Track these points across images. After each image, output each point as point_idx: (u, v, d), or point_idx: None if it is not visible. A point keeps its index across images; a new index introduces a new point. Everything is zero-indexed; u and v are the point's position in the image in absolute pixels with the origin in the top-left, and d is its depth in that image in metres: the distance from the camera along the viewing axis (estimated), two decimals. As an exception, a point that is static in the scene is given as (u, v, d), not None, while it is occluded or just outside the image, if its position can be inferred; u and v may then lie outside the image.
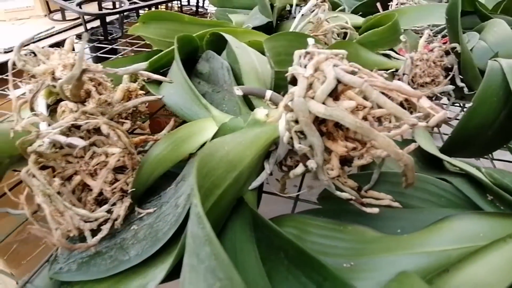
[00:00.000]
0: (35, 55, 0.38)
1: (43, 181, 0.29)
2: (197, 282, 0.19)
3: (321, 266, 0.25)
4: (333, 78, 0.23)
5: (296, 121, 0.26)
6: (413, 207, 0.32)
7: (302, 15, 0.59)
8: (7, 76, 0.72)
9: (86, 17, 0.89)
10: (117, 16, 0.94)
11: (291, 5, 0.74)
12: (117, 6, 0.99)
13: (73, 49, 0.40)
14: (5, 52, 0.85)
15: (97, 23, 0.96)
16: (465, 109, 0.58)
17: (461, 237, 0.26)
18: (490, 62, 0.39)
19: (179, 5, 1.10)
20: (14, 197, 0.31)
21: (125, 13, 0.93)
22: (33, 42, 0.90)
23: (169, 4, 1.06)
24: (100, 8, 0.92)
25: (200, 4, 1.10)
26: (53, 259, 0.31)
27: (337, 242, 0.30)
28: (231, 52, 0.40)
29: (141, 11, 0.95)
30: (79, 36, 0.95)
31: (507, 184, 0.30)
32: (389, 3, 0.75)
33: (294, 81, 0.26)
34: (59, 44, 0.91)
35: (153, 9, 0.96)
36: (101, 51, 0.80)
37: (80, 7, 0.86)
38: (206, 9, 1.14)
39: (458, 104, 0.60)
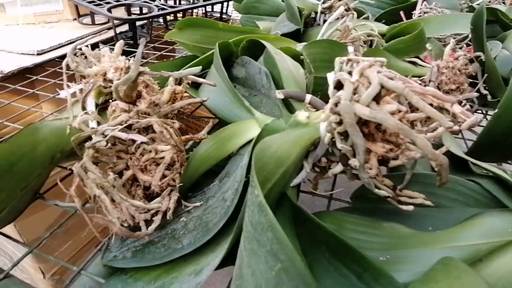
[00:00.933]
0: (86, 57, 0.41)
1: (99, 174, 0.32)
2: (257, 264, 0.21)
3: (362, 257, 0.27)
4: (377, 83, 0.26)
5: (339, 123, 0.29)
6: (443, 206, 0.34)
7: (330, 22, 0.61)
8: (42, 77, 0.76)
9: (115, 22, 0.92)
10: (145, 21, 0.97)
11: (316, 13, 0.77)
12: (144, 11, 1.02)
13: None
14: (38, 54, 0.88)
15: (125, 27, 0.99)
16: (487, 116, 0.59)
17: (490, 232, 0.28)
18: (515, 72, 0.41)
19: (204, 12, 1.13)
20: (59, 191, 0.34)
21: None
22: (65, 45, 0.94)
23: (195, 11, 1.09)
24: (129, 13, 0.95)
25: (224, 10, 1.13)
26: (105, 248, 0.33)
27: (373, 237, 0.32)
28: (269, 58, 0.42)
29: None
30: (103, 42, 0.98)
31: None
32: (412, 12, 0.77)
33: (339, 86, 0.28)
34: (93, 47, 0.94)
35: (178, 15, 1.00)
36: (131, 55, 0.83)
37: (110, 12, 0.89)
38: (230, 16, 1.16)
39: (480, 111, 0.61)
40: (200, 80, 0.38)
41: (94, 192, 0.31)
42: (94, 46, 0.94)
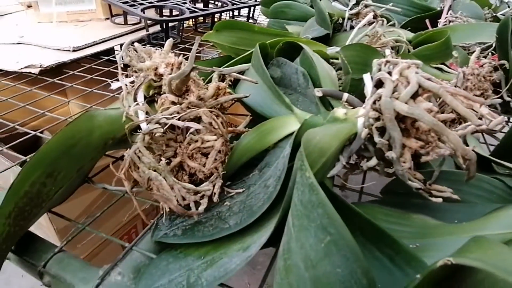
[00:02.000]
0: (137, 52, 0.44)
1: (153, 159, 0.35)
2: (307, 238, 0.24)
3: (394, 241, 0.30)
4: (415, 83, 0.28)
5: (377, 119, 0.31)
6: (469, 202, 0.37)
7: (359, 28, 0.64)
8: (79, 72, 0.79)
9: (148, 22, 0.96)
10: (175, 23, 1.01)
11: (343, 18, 0.79)
12: (174, 13, 1.06)
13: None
14: (74, 51, 0.92)
15: (156, 28, 1.03)
16: (510, 123, 0.61)
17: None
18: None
19: (231, 16, 1.17)
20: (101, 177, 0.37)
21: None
22: (99, 43, 0.98)
23: (222, 15, 1.12)
24: (161, 14, 0.99)
25: (251, 15, 1.16)
26: (154, 227, 0.36)
27: (403, 227, 0.34)
28: (306, 59, 0.45)
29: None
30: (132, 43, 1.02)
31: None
32: (437, 20, 0.79)
33: (378, 84, 0.31)
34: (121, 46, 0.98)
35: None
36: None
37: (144, 13, 0.93)
38: (256, 20, 1.19)
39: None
40: (243, 77, 0.41)
41: (149, 175, 0.34)
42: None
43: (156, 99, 0.42)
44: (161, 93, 0.41)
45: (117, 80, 0.46)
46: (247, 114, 0.47)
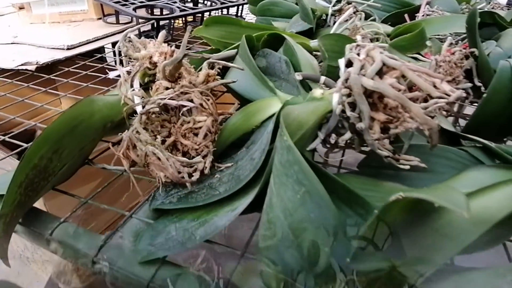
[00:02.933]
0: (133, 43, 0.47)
1: (149, 136, 0.39)
2: (285, 192, 0.28)
3: (365, 202, 0.33)
4: (380, 61, 0.32)
5: (348, 95, 0.35)
6: (436, 171, 0.41)
7: (340, 23, 0.68)
8: (73, 68, 0.83)
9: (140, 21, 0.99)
10: (166, 21, 1.05)
11: (327, 15, 0.84)
12: (164, 12, 1.09)
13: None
14: (68, 49, 0.95)
15: (147, 27, 1.06)
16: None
17: (475, 182, 0.34)
18: (501, 62, 0.48)
19: (220, 14, 1.20)
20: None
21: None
22: (92, 41, 1.01)
23: (212, 13, 1.16)
24: (152, 13, 1.03)
25: (239, 14, 1.20)
26: (151, 198, 0.40)
27: (375, 192, 0.38)
28: (288, 49, 0.49)
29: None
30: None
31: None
32: (416, 15, 0.84)
33: (349, 64, 0.35)
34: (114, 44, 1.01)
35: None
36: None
37: (135, 11, 0.97)
38: (244, 18, 1.23)
39: (476, 103, 0.67)
40: (231, 65, 0.45)
41: (146, 150, 0.37)
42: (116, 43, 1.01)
43: (151, 86, 0.45)
44: (156, 80, 0.44)
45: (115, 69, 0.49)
46: (235, 102, 0.51)
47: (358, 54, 0.34)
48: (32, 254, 0.75)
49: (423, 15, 0.81)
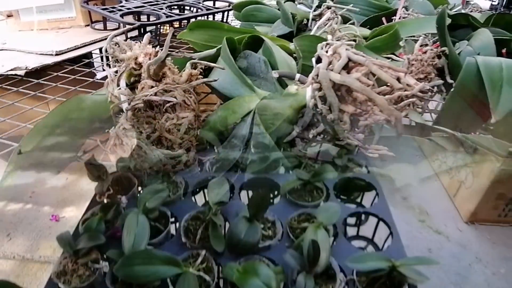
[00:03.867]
0: (119, 46, 0.50)
1: (135, 132, 0.41)
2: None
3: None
4: (345, 56, 0.35)
5: (319, 89, 0.38)
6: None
7: (318, 27, 0.71)
8: (62, 73, 0.85)
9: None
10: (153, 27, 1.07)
11: (308, 19, 0.87)
12: (151, 19, 1.12)
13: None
14: (56, 55, 0.96)
15: (134, 33, 1.08)
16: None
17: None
18: (468, 58, 0.51)
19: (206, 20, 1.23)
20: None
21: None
22: (80, 47, 1.03)
23: (198, 19, 1.18)
24: (139, 19, 1.05)
25: (224, 20, 1.23)
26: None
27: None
28: (267, 50, 0.52)
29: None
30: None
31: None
32: (393, 18, 0.87)
33: (319, 61, 0.37)
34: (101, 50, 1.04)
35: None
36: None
37: (122, 18, 0.99)
38: (230, 24, 1.26)
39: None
40: (212, 64, 0.47)
41: (133, 143, 0.40)
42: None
43: (136, 86, 0.48)
44: (141, 80, 0.47)
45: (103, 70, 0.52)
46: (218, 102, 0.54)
47: (327, 52, 0.37)
48: (32, 254, 0.77)
49: (399, 18, 0.85)
